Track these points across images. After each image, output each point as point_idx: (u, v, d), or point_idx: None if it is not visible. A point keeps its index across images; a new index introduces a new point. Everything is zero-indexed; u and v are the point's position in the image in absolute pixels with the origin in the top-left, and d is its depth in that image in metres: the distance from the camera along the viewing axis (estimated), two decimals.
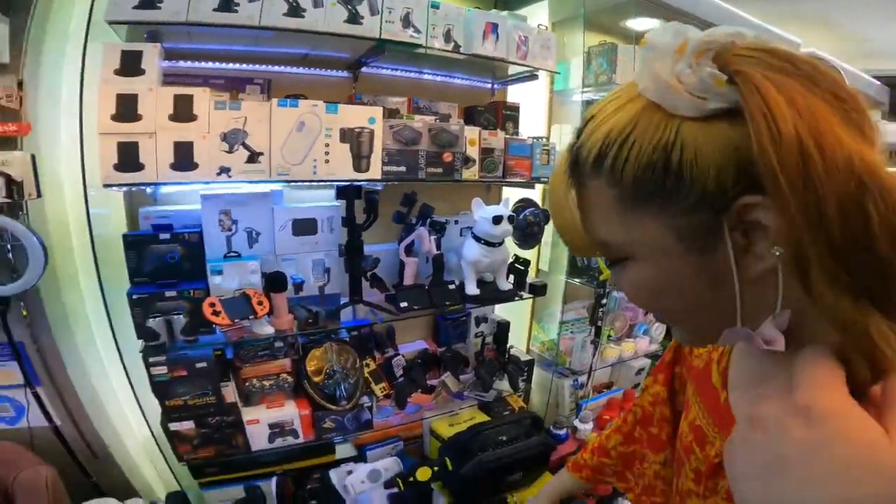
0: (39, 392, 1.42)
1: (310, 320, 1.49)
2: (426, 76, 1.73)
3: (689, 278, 0.44)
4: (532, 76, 1.73)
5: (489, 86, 1.83)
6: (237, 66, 1.44)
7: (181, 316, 1.36)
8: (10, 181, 1.16)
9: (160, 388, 1.39)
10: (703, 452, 0.60)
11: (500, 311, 1.99)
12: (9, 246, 1.26)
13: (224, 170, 1.24)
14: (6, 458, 1.30)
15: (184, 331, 1.37)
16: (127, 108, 1.13)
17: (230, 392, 1.50)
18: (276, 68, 1.48)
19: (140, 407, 1.48)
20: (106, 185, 1.17)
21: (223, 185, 1.35)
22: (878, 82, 3.78)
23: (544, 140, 1.78)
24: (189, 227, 1.42)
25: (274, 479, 1.54)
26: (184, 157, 1.19)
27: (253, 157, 1.26)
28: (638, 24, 2.02)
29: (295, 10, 1.23)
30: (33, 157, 1.24)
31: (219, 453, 1.52)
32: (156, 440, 1.53)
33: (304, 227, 1.54)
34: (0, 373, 1.40)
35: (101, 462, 1.54)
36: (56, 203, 1.40)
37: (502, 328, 1.93)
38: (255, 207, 1.47)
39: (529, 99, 1.90)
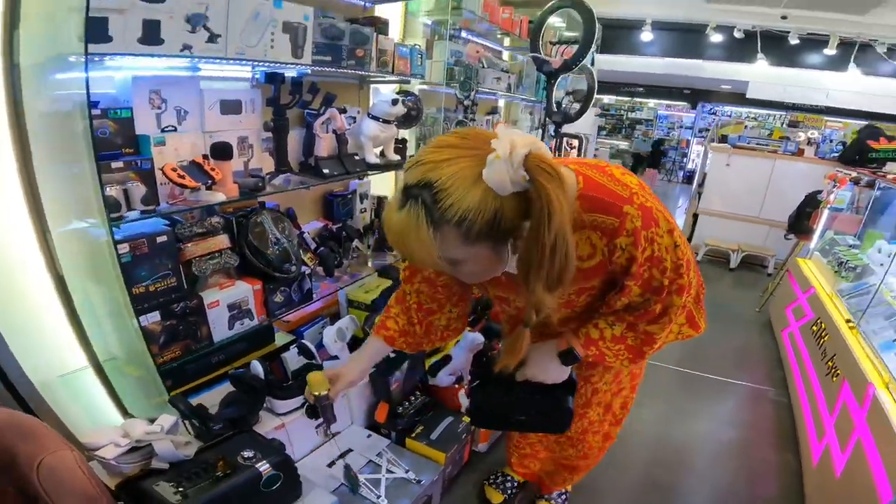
0: None
1: (259, 184, 1.53)
2: None
3: (492, 262, 0.86)
4: None
5: (362, 3, 2.09)
6: None
7: (138, 183, 1.25)
8: None
9: (126, 273, 1.23)
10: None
11: (374, 190, 2.30)
12: None
13: (186, 47, 1.28)
14: (24, 432, 0.96)
15: (144, 200, 1.26)
16: None
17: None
18: None
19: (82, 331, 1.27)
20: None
21: (153, 68, 1.39)
22: None
23: (419, 47, 2.14)
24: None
25: (255, 363, 1.50)
26: (151, 33, 1.21)
27: (212, 38, 1.33)
28: None
29: None
30: None
31: (186, 350, 1.42)
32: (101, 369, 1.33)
33: (230, 107, 1.57)
34: None
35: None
36: None
37: (381, 202, 2.24)
38: (185, 88, 1.46)
39: (389, 16, 2.19)
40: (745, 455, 2.21)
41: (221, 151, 1.44)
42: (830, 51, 5.82)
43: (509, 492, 1.73)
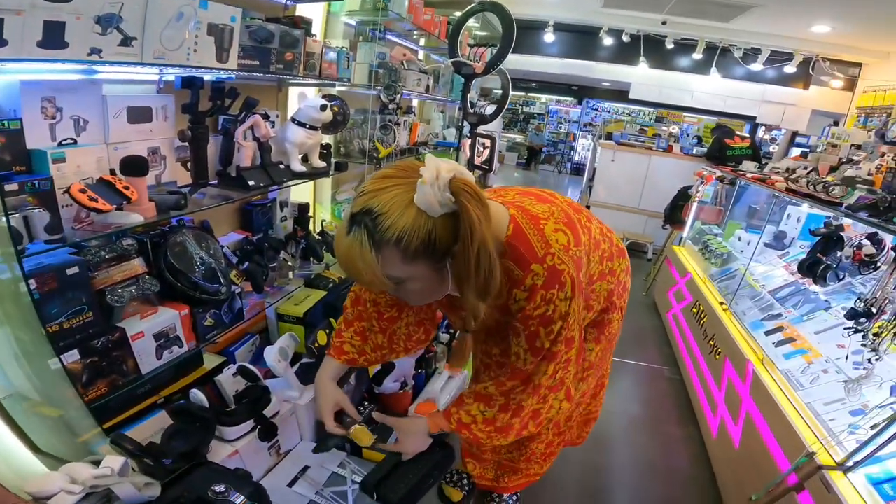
0: None
1: (181, 202, 1.39)
2: None
3: (434, 282, 0.93)
4: None
5: (283, 2, 1.92)
6: None
7: (40, 209, 1.09)
8: None
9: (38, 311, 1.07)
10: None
11: (294, 197, 2.19)
12: None
13: (95, 50, 1.15)
14: None
15: (48, 228, 1.10)
16: None
17: None
18: None
19: None
20: None
21: (47, 72, 1.21)
22: None
23: (346, 49, 2.06)
24: None
25: (196, 392, 1.41)
26: (54, 36, 1.06)
27: (126, 41, 1.20)
28: None
29: None
30: None
31: (113, 386, 1.27)
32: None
33: (139, 114, 1.41)
34: None
35: None
36: None
37: (303, 210, 2.14)
38: (84, 94, 1.30)
39: (311, 16, 2.03)
40: (654, 431, 2.47)
41: (134, 166, 1.28)
42: (698, 55, 6.60)
43: (466, 488, 1.80)
